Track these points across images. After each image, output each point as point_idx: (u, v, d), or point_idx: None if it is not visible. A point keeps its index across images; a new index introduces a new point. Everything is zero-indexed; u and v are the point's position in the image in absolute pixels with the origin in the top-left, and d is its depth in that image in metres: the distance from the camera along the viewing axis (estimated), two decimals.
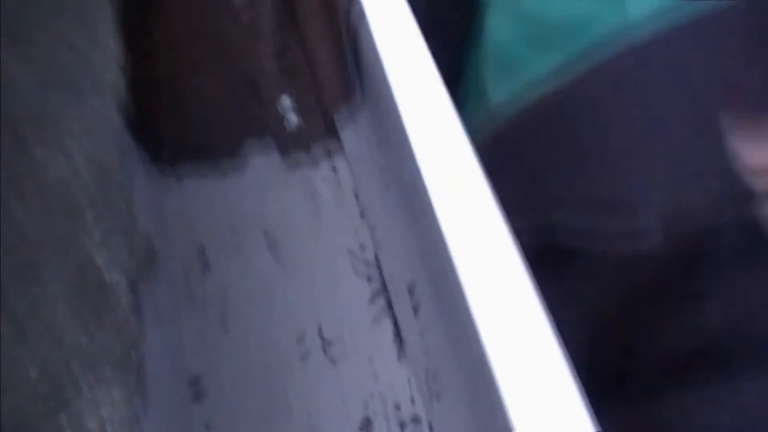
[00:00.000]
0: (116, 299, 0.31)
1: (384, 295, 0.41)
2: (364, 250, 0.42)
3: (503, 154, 0.46)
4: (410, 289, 0.39)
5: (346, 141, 0.46)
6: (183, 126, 0.44)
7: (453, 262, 0.31)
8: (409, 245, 0.40)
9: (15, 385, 0.26)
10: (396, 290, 0.41)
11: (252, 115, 0.45)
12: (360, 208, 0.44)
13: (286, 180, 0.44)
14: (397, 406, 0.38)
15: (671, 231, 0.40)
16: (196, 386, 0.38)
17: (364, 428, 0.37)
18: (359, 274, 0.42)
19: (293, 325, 0.40)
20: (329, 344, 0.39)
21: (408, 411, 0.37)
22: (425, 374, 0.38)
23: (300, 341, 0.39)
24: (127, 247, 0.33)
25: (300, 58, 0.47)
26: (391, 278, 0.41)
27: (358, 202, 0.44)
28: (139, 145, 0.41)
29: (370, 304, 0.40)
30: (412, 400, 0.38)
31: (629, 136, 0.42)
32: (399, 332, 0.40)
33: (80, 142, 0.34)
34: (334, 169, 0.45)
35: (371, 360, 0.39)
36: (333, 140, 0.45)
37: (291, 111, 0.45)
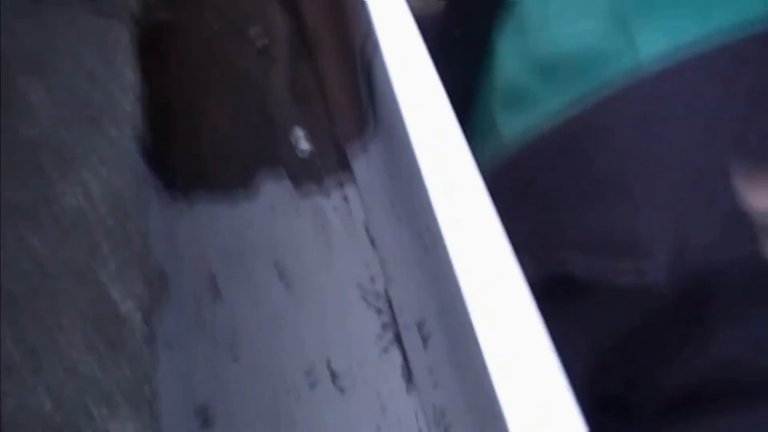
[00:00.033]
0: (130, 331, 0.31)
1: (393, 328, 0.41)
2: (374, 281, 0.42)
3: (512, 184, 0.46)
4: (420, 323, 0.39)
5: (358, 171, 0.46)
6: (197, 155, 0.44)
7: (462, 294, 0.32)
8: (419, 277, 0.40)
9: (29, 417, 0.26)
10: (405, 322, 0.41)
11: (265, 145, 0.45)
12: (370, 239, 0.44)
13: (297, 209, 0.45)
14: None
15: (678, 267, 0.40)
16: (205, 414, 0.38)
17: None
18: (369, 305, 0.42)
19: (302, 356, 0.40)
20: (338, 376, 0.39)
21: None
22: (433, 408, 0.38)
23: (309, 373, 0.39)
24: (142, 279, 0.33)
25: (314, 89, 0.48)
26: (400, 310, 0.41)
27: (368, 233, 0.44)
28: (153, 172, 0.41)
29: (379, 337, 0.40)
30: None
31: (638, 170, 0.42)
32: (408, 365, 0.40)
33: (97, 172, 0.34)
34: (345, 198, 0.45)
35: (379, 393, 0.39)
36: (345, 173, 0.45)
37: (304, 142, 0.45)
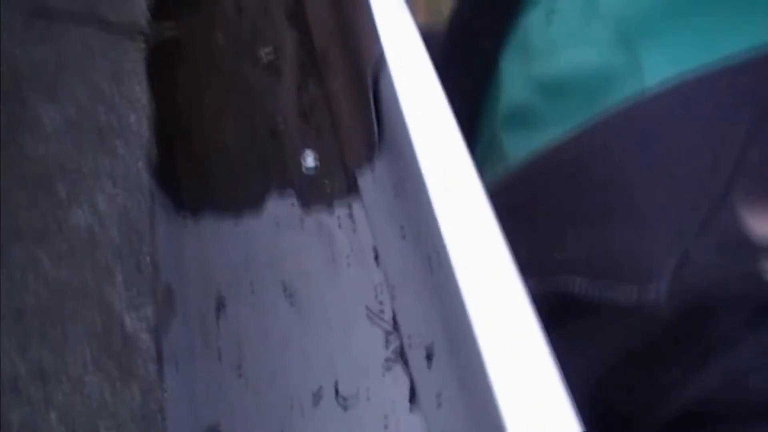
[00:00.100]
0: (138, 351, 0.31)
1: (398, 347, 0.41)
2: (379, 299, 0.43)
3: (514, 203, 0.46)
4: (425, 343, 0.40)
5: (364, 189, 0.47)
6: (206, 175, 0.44)
7: (468, 314, 0.32)
8: (425, 296, 0.40)
9: None
10: (410, 341, 0.41)
11: (272, 163, 0.45)
12: (376, 256, 0.44)
13: (302, 226, 0.45)
14: None
15: (678, 287, 0.40)
16: None
17: None
18: (374, 323, 0.42)
19: (307, 373, 0.40)
20: (342, 394, 0.40)
21: None
22: (437, 429, 0.38)
23: (313, 390, 0.40)
24: (150, 299, 0.33)
25: (322, 107, 0.48)
26: (406, 329, 0.42)
27: (374, 250, 0.45)
28: (160, 190, 0.41)
29: (384, 356, 0.41)
30: None
31: (640, 191, 0.42)
32: (412, 384, 0.40)
33: (106, 191, 0.34)
34: (351, 216, 0.46)
35: (383, 412, 0.39)
36: (351, 190, 0.45)
37: (311, 160, 0.46)
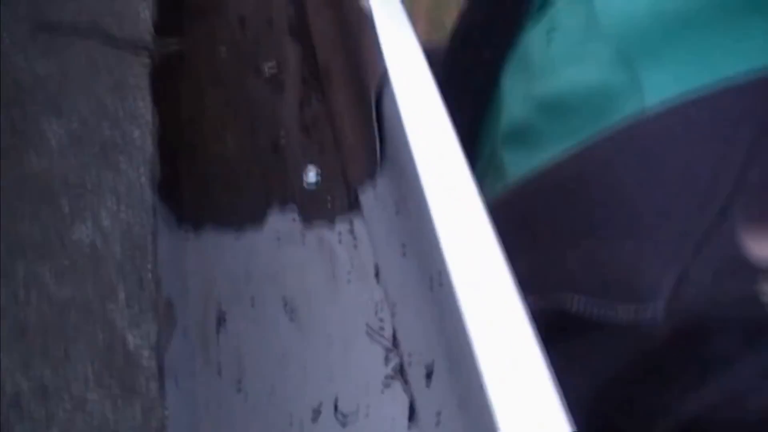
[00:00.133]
0: (140, 369, 0.31)
1: (398, 364, 0.41)
2: (379, 316, 0.43)
3: (513, 220, 0.46)
4: (425, 360, 0.40)
5: (365, 204, 0.47)
6: (207, 188, 0.44)
7: (468, 332, 0.32)
8: (426, 313, 0.41)
9: None
10: (410, 359, 0.41)
11: (274, 177, 0.45)
12: (377, 272, 0.45)
13: (303, 241, 0.45)
14: None
15: (676, 307, 0.40)
16: None
17: None
18: (374, 340, 0.42)
19: (306, 389, 0.40)
20: (341, 410, 0.40)
21: None
22: None
23: (312, 406, 0.40)
24: (152, 315, 0.33)
25: (324, 122, 0.48)
26: (406, 346, 0.42)
27: (374, 266, 0.45)
28: (162, 204, 0.42)
29: (383, 373, 0.41)
30: None
31: (639, 209, 0.42)
32: (412, 402, 0.40)
33: (109, 206, 0.35)
34: (352, 231, 0.46)
35: (382, 429, 0.39)
36: (353, 205, 0.45)
37: (312, 175, 0.46)
